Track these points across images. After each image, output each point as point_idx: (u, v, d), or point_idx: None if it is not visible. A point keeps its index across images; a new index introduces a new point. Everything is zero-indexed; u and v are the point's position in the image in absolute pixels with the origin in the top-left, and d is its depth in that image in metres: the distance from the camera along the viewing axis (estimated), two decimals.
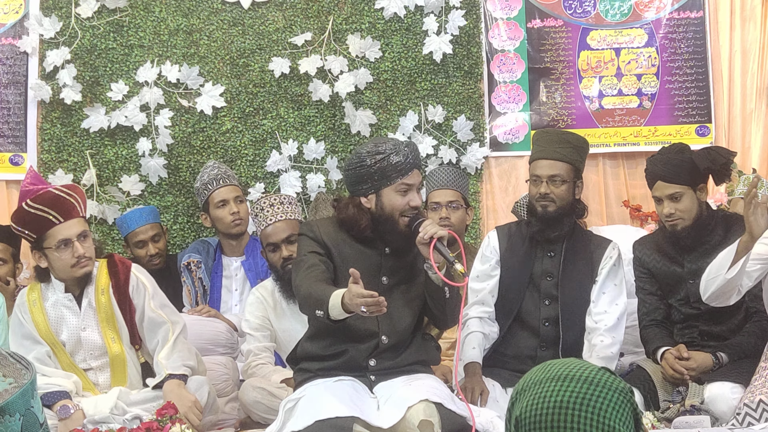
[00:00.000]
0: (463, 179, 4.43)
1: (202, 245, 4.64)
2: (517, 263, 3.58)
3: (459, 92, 5.13)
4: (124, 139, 5.07)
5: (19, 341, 3.48)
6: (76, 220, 3.45)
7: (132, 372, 3.53)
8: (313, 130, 5.10)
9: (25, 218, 3.43)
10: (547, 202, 3.50)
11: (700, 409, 3.30)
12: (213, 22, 5.12)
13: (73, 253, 3.41)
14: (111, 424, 3.26)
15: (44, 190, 3.42)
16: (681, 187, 3.57)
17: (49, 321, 3.49)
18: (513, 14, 5.17)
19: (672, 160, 3.60)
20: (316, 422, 2.84)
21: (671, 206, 3.58)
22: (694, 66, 5.13)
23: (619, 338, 3.47)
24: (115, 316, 3.51)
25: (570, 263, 3.53)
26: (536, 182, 3.54)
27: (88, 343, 3.50)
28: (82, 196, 3.53)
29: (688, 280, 3.64)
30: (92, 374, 3.53)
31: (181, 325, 3.59)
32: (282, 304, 3.94)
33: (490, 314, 3.59)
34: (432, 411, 2.89)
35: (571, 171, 3.53)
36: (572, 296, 3.51)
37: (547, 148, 3.54)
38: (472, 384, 3.35)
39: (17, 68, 5.08)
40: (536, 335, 3.52)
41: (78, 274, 3.46)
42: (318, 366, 3.15)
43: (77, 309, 3.51)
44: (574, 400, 1.51)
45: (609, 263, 3.53)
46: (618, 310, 3.49)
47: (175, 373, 3.42)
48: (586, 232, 3.71)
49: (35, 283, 3.58)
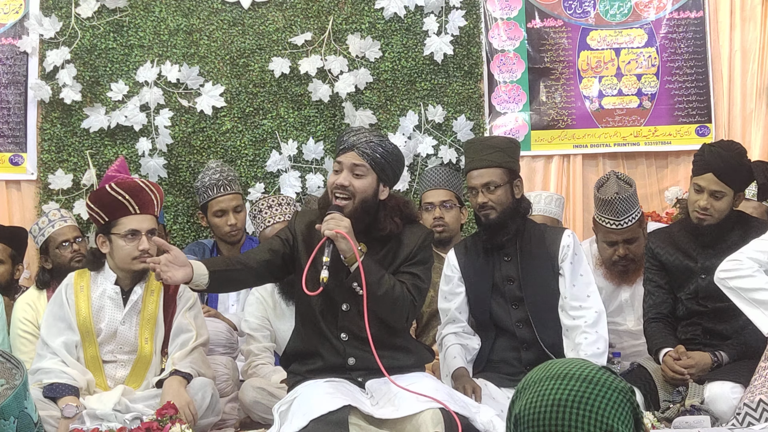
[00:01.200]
0: (457, 179, 4.43)
1: (198, 247, 4.63)
2: (477, 274, 3.58)
3: (459, 92, 5.14)
4: (124, 139, 5.07)
5: (53, 321, 3.50)
6: (150, 216, 3.53)
7: (150, 375, 3.55)
8: (313, 130, 5.10)
9: (103, 199, 3.49)
10: (487, 210, 3.49)
11: (700, 409, 3.30)
12: (213, 22, 5.12)
13: (137, 246, 3.46)
14: (111, 423, 3.26)
15: (130, 179, 3.52)
16: (727, 188, 3.59)
17: (92, 309, 3.51)
18: (513, 14, 5.18)
19: (732, 158, 3.61)
20: (311, 422, 2.84)
21: (710, 201, 3.60)
22: (694, 66, 5.13)
23: (602, 333, 3.42)
24: (156, 318, 3.54)
25: (528, 263, 3.52)
26: (473, 193, 3.53)
27: (122, 338, 3.52)
28: (162, 197, 3.60)
29: (699, 275, 3.65)
30: (113, 367, 3.54)
31: (204, 337, 3.63)
32: (282, 305, 3.94)
33: (464, 328, 3.60)
34: (438, 418, 2.88)
35: (504, 174, 3.50)
36: (537, 295, 3.50)
37: (475, 158, 3.52)
38: (462, 384, 3.35)
39: (17, 68, 5.08)
40: (514, 337, 3.52)
41: (136, 268, 3.50)
42: (305, 369, 3.17)
43: (122, 303, 3.53)
44: (573, 399, 1.51)
45: (568, 252, 3.50)
46: (594, 302, 3.47)
47: (181, 370, 3.44)
48: (539, 227, 3.67)
49: (84, 270, 3.60)
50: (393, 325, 3.16)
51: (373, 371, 3.09)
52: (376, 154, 3.09)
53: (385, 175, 3.13)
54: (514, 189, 3.52)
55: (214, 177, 4.53)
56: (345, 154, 3.11)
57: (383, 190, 3.15)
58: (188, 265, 2.97)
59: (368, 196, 3.10)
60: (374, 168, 3.10)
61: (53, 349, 3.45)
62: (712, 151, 3.64)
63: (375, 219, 3.14)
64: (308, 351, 3.19)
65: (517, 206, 3.53)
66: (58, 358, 3.45)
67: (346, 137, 3.14)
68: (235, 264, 3.13)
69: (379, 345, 3.11)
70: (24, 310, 3.88)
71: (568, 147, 5.14)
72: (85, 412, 3.32)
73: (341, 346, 3.13)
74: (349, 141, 3.11)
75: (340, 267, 3.04)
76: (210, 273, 3.00)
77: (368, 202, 3.11)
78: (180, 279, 2.96)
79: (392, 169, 3.15)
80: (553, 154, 5.18)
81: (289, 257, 3.19)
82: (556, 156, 5.18)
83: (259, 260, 3.16)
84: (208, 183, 4.52)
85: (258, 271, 3.16)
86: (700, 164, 3.66)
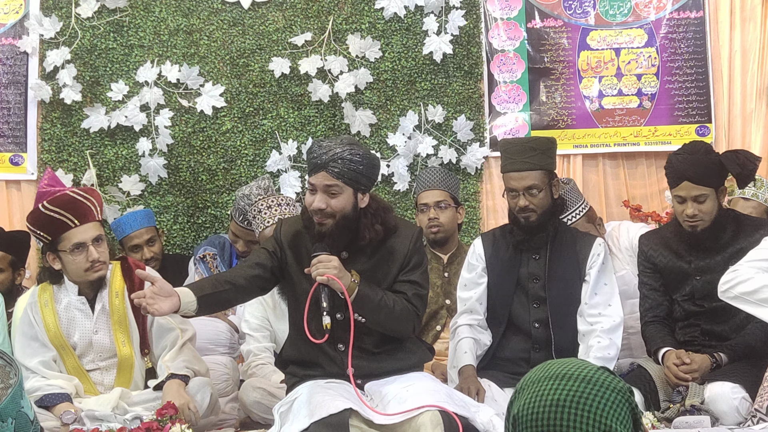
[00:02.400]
0: (452, 179, 4.41)
1: (218, 240, 4.70)
2: (503, 268, 3.58)
3: (459, 92, 5.13)
4: (124, 139, 5.07)
5: (26, 342, 3.47)
6: (91, 224, 3.45)
7: (137, 376, 3.53)
8: (313, 130, 5.10)
9: (40, 220, 3.42)
10: (528, 213, 3.50)
11: (700, 409, 3.30)
12: (213, 22, 5.12)
13: (87, 258, 3.41)
14: (111, 423, 3.26)
15: (61, 193, 3.43)
16: (707, 189, 3.56)
17: (60, 323, 3.48)
18: (513, 14, 5.17)
19: (701, 160, 3.57)
20: (312, 424, 2.83)
21: (695, 207, 3.57)
22: (694, 66, 5.13)
23: (616, 341, 3.44)
24: (128, 319, 3.51)
25: (556, 264, 3.53)
26: (513, 195, 3.52)
27: (98, 346, 3.50)
28: (98, 199, 3.53)
29: (694, 277, 3.64)
30: (98, 374, 3.52)
31: (190, 333, 3.60)
32: (282, 305, 3.94)
33: (479, 321, 3.60)
34: (438, 420, 2.88)
35: (544, 176, 3.51)
36: (560, 297, 3.51)
37: (516, 160, 3.51)
38: (467, 384, 3.35)
39: (17, 68, 5.08)
40: (528, 337, 3.52)
41: (91, 278, 3.46)
42: (304, 372, 3.17)
43: (90, 312, 3.50)
44: (571, 399, 1.51)
45: (598, 261, 3.52)
46: (614, 312, 3.48)
47: (178, 373, 3.42)
48: (571, 230, 3.70)
49: (46, 284, 3.56)
50: (399, 337, 3.18)
51: (372, 375, 3.12)
52: (346, 169, 3.02)
53: (361, 184, 3.08)
54: (553, 189, 3.54)
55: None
56: (316, 174, 3.05)
57: (362, 198, 3.11)
58: (174, 295, 2.94)
59: (348, 210, 3.08)
60: (348, 183, 3.05)
61: (32, 369, 3.41)
62: (679, 158, 3.63)
63: (357, 227, 3.12)
64: (305, 360, 3.19)
65: (555, 206, 3.55)
66: (39, 375, 3.41)
67: (315, 157, 3.06)
68: (222, 284, 3.10)
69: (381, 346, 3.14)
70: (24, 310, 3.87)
71: (568, 147, 5.14)
72: (85, 414, 3.32)
73: (338, 356, 3.13)
74: (319, 161, 3.04)
75: (339, 303, 3.04)
76: (198, 298, 2.99)
77: (349, 216, 3.08)
78: (167, 310, 2.93)
79: (367, 177, 3.09)
80: None
81: (278, 269, 3.19)
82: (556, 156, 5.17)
83: (247, 276, 3.14)
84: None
85: (247, 287, 3.15)
86: (672, 175, 3.64)
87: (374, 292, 3.05)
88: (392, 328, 3.13)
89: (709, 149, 3.66)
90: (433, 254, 4.27)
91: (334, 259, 3.01)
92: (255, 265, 3.16)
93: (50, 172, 3.67)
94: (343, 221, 3.08)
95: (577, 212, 4.02)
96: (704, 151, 3.62)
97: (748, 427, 3.18)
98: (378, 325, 3.09)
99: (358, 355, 3.07)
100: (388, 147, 5.10)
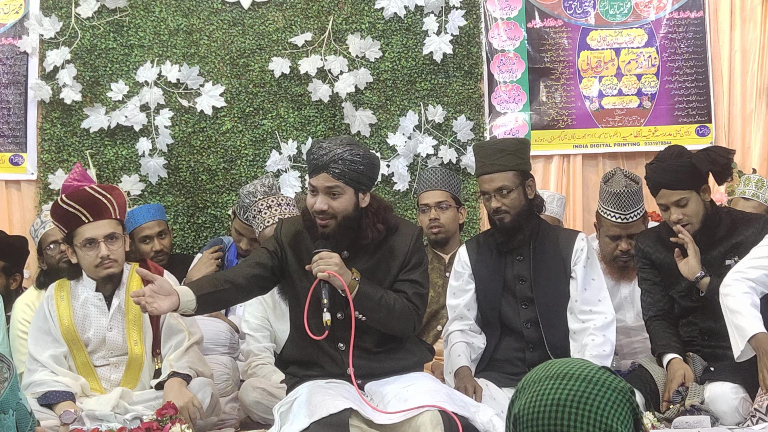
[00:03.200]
0: (453, 179, 4.41)
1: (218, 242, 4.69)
2: (489, 273, 3.58)
3: (459, 92, 5.14)
4: (124, 139, 5.07)
5: (39, 335, 3.51)
6: (106, 221, 3.48)
7: (145, 376, 3.55)
8: (313, 130, 5.11)
9: (58, 212, 3.50)
10: (501, 214, 3.50)
11: (700, 409, 3.30)
12: (213, 22, 5.12)
13: (97, 254, 3.45)
14: (111, 423, 3.27)
15: (80, 189, 3.49)
16: (685, 192, 3.55)
17: (75, 319, 3.51)
18: (513, 14, 5.18)
19: (672, 166, 3.58)
20: (312, 424, 2.83)
21: (679, 212, 3.56)
22: (694, 66, 5.13)
23: (610, 338, 3.45)
24: (142, 319, 3.53)
25: (540, 264, 3.53)
26: (487, 197, 3.53)
27: (111, 344, 3.52)
28: (118, 198, 3.56)
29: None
30: (106, 370, 3.54)
31: (197, 336, 3.62)
32: (282, 305, 3.94)
33: (471, 326, 3.61)
34: (437, 420, 2.88)
35: (515, 177, 3.50)
36: (548, 296, 3.51)
37: (485, 162, 3.52)
38: (463, 384, 3.35)
39: (17, 68, 5.08)
40: (521, 338, 3.53)
41: (101, 275, 3.50)
42: (304, 372, 3.17)
43: (106, 309, 3.53)
44: (572, 399, 1.50)
45: (582, 256, 3.52)
46: (605, 308, 3.49)
47: (179, 372, 3.44)
48: (553, 228, 3.70)
49: (64, 279, 3.60)
50: (399, 336, 3.18)
51: (372, 375, 3.12)
52: (346, 170, 3.02)
53: (362, 184, 3.09)
54: (527, 190, 3.53)
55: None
56: (317, 176, 3.06)
57: (363, 198, 3.12)
58: (174, 294, 2.95)
59: (350, 211, 3.08)
60: (349, 184, 3.05)
61: (42, 362, 3.45)
62: (652, 168, 3.63)
63: (359, 227, 3.13)
64: (306, 360, 3.19)
65: (531, 206, 3.55)
66: (48, 369, 3.45)
67: (315, 158, 3.06)
68: (222, 284, 3.11)
69: (381, 345, 3.13)
70: (23, 310, 3.86)
71: (568, 147, 5.14)
72: (85, 414, 3.32)
73: (339, 356, 3.13)
74: (320, 162, 3.04)
75: (340, 300, 3.04)
76: (197, 297, 3.00)
77: (351, 216, 3.09)
78: (166, 308, 2.94)
79: (367, 177, 3.09)
80: (553, 154, 5.18)
81: (278, 269, 3.19)
82: (556, 156, 5.18)
83: (247, 276, 3.15)
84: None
85: (246, 287, 3.16)
86: (650, 186, 3.65)
87: (375, 291, 3.06)
88: (393, 327, 3.13)
89: (680, 152, 3.64)
90: (434, 254, 4.27)
91: (335, 255, 3.01)
92: (255, 265, 3.17)
93: (79, 167, 3.75)
94: (346, 221, 3.08)
95: (638, 211, 3.99)
96: (675, 155, 3.62)
97: (748, 427, 3.18)
98: (378, 323, 3.10)
99: (358, 355, 3.06)
100: (388, 147, 5.10)
